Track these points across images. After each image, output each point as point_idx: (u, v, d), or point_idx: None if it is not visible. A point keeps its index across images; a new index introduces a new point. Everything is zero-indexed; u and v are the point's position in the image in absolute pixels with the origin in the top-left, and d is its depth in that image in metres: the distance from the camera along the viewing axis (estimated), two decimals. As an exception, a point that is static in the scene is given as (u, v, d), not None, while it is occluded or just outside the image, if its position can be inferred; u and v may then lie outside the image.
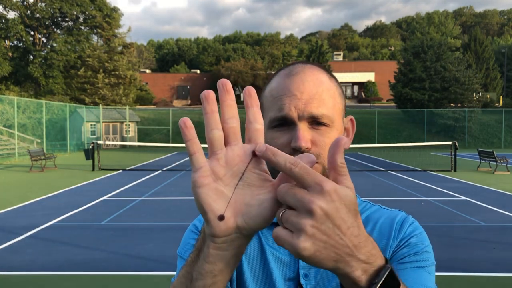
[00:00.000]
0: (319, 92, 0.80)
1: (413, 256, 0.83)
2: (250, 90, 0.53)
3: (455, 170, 16.50)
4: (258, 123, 0.53)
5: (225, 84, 0.52)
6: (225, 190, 0.52)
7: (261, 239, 0.87)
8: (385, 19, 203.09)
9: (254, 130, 0.53)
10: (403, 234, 0.87)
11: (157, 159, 22.39)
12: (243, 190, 0.53)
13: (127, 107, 34.08)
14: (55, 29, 41.22)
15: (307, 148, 0.77)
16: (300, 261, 0.82)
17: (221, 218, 0.51)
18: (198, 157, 0.52)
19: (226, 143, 0.53)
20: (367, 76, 58.36)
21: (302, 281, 0.82)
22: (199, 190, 0.51)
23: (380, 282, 0.52)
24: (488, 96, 41.89)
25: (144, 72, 62.71)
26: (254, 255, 0.86)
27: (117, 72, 38.62)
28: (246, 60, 60.15)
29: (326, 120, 0.79)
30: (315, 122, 0.79)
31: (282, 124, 0.80)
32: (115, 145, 31.12)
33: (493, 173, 16.10)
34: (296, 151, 0.77)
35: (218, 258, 0.55)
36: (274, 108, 0.81)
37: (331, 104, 0.81)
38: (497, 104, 43.11)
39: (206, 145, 0.54)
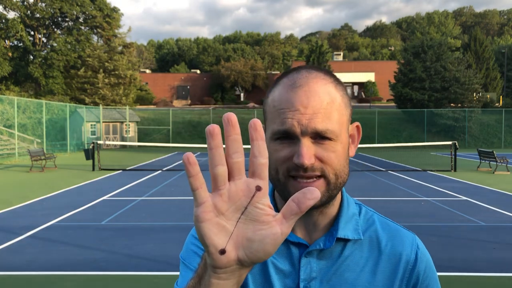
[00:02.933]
0: (324, 106, 0.77)
1: None
2: (256, 123, 0.53)
3: (455, 170, 16.50)
4: (262, 157, 0.53)
5: (230, 119, 0.52)
6: (227, 224, 0.53)
7: None
8: (386, 19, 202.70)
9: (259, 164, 0.53)
10: (416, 278, 0.87)
11: (157, 159, 22.39)
12: (245, 225, 0.54)
13: (127, 107, 34.07)
14: (55, 29, 41.21)
15: (310, 164, 0.76)
16: (301, 273, 0.83)
17: (223, 252, 0.52)
18: (201, 192, 0.53)
19: (230, 177, 0.53)
20: (367, 76, 58.33)
21: None
22: (201, 225, 0.52)
23: None
24: (488, 96, 41.86)
25: (144, 72, 62.68)
26: (256, 266, 0.85)
27: (117, 72, 38.63)
28: (246, 60, 60.15)
29: (330, 135, 0.77)
30: (319, 136, 0.77)
31: (284, 137, 0.78)
32: (115, 145, 31.12)
33: (493, 173, 16.09)
34: (298, 167, 0.76)
35: (219, 287, 0.56)
36: (276, 121, 0.79)
37: (336, 118, 0.79)
38: (497, 104, 43.09)
39: (205, 145, 0.53)
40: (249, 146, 0.54)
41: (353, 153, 0.86)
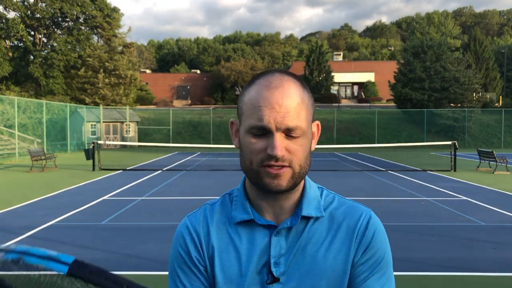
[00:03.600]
0: (295, 106, 0.90)
1: (374, 270, 0.95)
2: None
3: (455, 170, 16.51)
4: None
5: None
6: None
7: (230, 234, 0.98)
8: (386, 19, 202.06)
9: None
10: (365, 244, 0.96)
11: (157, 159, 22.39)
12: None
13: (127, 107, 34.07)
14: (55, 29, 41.17)
15: (282, 155, 0.88)
16: (272, 251, 0.95)
17: None
18: None
19: None
20: (367, 76, 58.32)
21: (273, 269, 0.94)
22: None
23: None
24: (488, 96, 41.87)
25: (144, 72, 62.68)
26: (226, 248, 0.97)
27: (117, 72, 38.61)
28: (246, 60, 60.13)
29: (299, 131, 0.90)
30: (289, 132, 0.90)
31: (259, 132, 0.90)
32: (115, 145, 31.12)
33: (493, 173, 16.10)
34: (271, 157, 0.88)
35: None
36: (253, 117, 0.90)
37: (304, 116, 0.92)
38: (496, 104, 43.09)
39: (205, 145, 0.55)
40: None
41: (313, 148, 0.99)
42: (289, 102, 0.89)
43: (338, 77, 54.07)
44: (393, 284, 0.97)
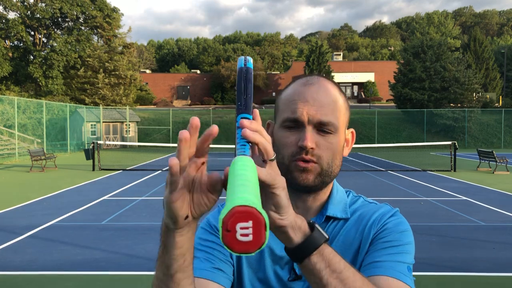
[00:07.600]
0: (329, 102, 0.92)
1: (387, 242, 0.92)
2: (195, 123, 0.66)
3: (454, 170, 16.51)
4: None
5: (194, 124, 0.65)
6: (187, 196, 0.66)
7: None
8: (388, 18, 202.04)
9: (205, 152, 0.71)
10: (383, 222, 0.95)
11: (157, 159, 22.39)
12: (196, 195, 0.68)
13: (127, 107, 34.07)
14: (55, 29, 41.16)
15: (311, 148, 0.89)
16: None
17: (186, 217, 0.68)
18: (178, 181, 0.65)
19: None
20: (366, 76, 58.31)
21: (296, 267, 0.95)
22: (173, 205, 0.65)
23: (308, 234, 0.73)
24: (488, 96, 41.87)
25: (144, 72, 62.66)
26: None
27: (117, 72, 38.62)
28: (246, 60, 60.10)
29: (331, 127, 0.91)
30: (321, 127, 0.90)
31: (292, 125, 0.91)
32: (115, 145, 31.12)
33: (493, 173, 16.11)
34: (302, 149, 0.89)
35: (183, 241, 0.71)
36: (288, 110, 0.92)
37: (337, 115, 0.92)
38: (496, 104, 43.09)
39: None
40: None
41: (347, 154, 1.00)
42: (323, 97, 0.91)
43: (338, 77, 54.03)
44: (410, 259, 0.90)
